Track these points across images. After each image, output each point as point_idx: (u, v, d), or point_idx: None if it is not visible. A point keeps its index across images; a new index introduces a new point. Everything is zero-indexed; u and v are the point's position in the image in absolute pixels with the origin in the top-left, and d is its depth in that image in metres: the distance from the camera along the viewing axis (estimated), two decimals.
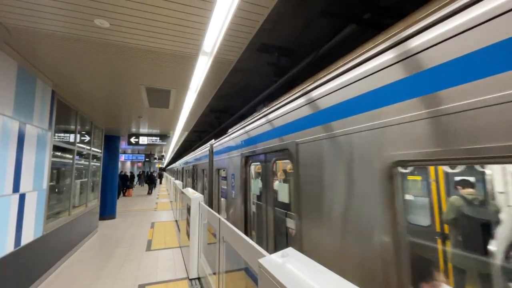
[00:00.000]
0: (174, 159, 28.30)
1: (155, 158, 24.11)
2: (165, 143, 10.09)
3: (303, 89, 2.07)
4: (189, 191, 4.87)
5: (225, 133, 4.81)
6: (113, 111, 6.29)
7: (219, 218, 2.52)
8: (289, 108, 2.28)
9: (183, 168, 13.95)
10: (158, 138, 9.80)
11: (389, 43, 1.29)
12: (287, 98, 2.34)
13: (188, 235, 4.33)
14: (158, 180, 27.44)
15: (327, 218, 1.67)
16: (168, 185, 18.64)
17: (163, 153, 22.55)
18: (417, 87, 1.12)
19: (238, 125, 3.94)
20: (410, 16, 1.23)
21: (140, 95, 4.86)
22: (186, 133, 9.88)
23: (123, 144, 13.25)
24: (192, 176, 9.81)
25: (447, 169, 2.52)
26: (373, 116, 1.34)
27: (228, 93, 5.77)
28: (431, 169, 2.64)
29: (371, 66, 1.39)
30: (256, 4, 2.19)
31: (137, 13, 2.32)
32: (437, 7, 1.08)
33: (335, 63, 1.74)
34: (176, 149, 18.34)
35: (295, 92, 2.22)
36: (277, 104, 2.56)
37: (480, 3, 0.93)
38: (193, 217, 4.06)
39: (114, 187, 9.47)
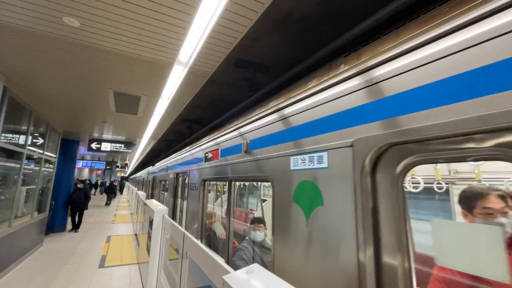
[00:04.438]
0: (139, 168, 26.79)
1: (118, 166, 22.59)
2: (130, 151, 9.57)
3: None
4: (153, 202, 4.62)
5: (194, 144, 4.72)
6: (74, 114, 5.85)
7: (184, 232, 2.42)
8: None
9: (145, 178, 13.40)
10: (123, 145, 9.27)
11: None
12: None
13: (149, 251, 4.06)
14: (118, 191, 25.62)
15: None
16: (129, 195, 17.47)
17: (126, 161, 21.26)
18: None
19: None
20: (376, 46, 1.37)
21: (106, 99, 4.61)
22: (154, 142, 9.48)
23: (82, 150, 12.28)
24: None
25: None
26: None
27: (202, 104, 5.72)
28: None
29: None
30: (235, 22, 2.26)
31: (111, 15, 2.25)
32: (400, 40, 1.21)
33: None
34: (141, 158, 17.43)
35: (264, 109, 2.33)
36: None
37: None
38: (155, 231, 3.83)
39: (67, 196, 8.62)
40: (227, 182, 2.97)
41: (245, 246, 3.07)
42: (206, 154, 3.65)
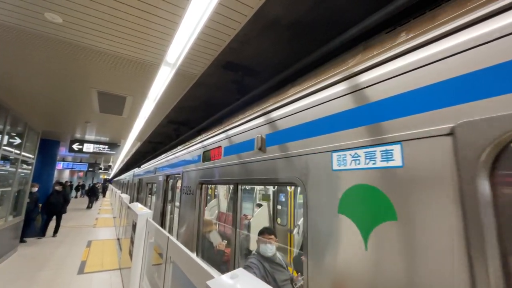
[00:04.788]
0: (124, 170, 26.07)
1: (100, 168, 21.88)
2: (114, 152, 9.31)
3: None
4: (137, 206, 4.49)
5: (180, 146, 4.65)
6: (55, 114, 5.63)
7: (168, 237, 2.36)
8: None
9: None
10: (107, 147, 9.01)
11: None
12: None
13: (131, 255, 3.93)
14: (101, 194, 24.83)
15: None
16: (112, 198, 16.94)
17: (110, 163, 20.64)
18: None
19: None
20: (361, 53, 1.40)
21: (90, 99, 4.47)
22: (140, 143, 9.27)
23: (63, 151, 11.83)
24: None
25: None
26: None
27: (189, 106, 5.66)
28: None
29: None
30: (224, 25, 2.26)
31: (96, 13, 2.19)
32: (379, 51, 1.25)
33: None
34: (126, 160, 16.97)
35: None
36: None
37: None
38: (138, 235, 3.72)
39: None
40: (233, 186, 2.51)
41: (253, 262, 2.53)
42: (205, 153, 3.18)
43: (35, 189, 7.40)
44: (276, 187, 5.20)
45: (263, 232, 2.77)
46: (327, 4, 2.19)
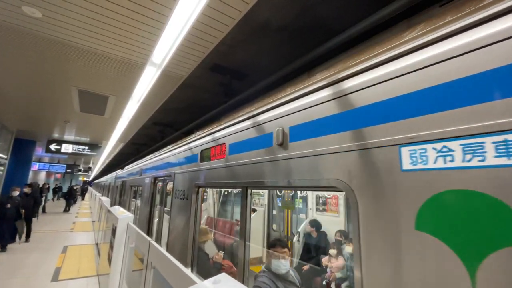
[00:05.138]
0: (105, 172, 25.15)
1: (80, 170, 21.01)
2: (95, 153, 8.99)
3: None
4: (119, 209, 4.34)
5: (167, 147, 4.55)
6: (31, 112, 5.37)
7: (149, 241, 2.29)
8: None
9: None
10: (87, 148, 8.68)
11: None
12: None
13: (110, 261, 3.78)
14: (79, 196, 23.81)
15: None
16: (92, 202, 16.28)
17: (90, 165, 19.89)
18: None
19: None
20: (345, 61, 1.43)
21: (70, 98, 4.30)
22: (123, 145, 9.00)
23: (39, 151, 11.29)
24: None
25: None
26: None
27: (175, 108, 5.57)
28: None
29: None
30: (211, 27, 2.25)
31: (78, 9, 2.12)
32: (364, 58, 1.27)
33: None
34: (108, 161, 16.41)
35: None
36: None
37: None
38: (118, 240, 3.59)
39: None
40: (241, 190, 2.09)
41: (265, 282, 2.08)
42: (204, 152, 2.79)
43: (16, 193, 6.94)
44: (271, 191, 5.07)
45: (275, 245, 2.29)
46: (315, 11, 2.24)
